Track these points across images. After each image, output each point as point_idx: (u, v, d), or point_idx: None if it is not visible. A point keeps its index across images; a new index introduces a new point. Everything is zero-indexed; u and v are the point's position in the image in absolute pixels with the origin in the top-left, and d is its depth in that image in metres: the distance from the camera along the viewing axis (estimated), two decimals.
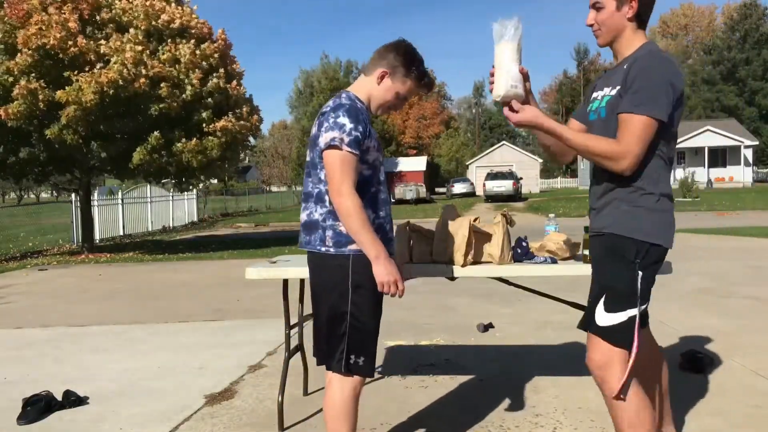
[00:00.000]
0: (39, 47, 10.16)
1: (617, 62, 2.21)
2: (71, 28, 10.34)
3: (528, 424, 3.09)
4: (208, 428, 3.15)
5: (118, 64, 10.37)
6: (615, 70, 2.20)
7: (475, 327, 5.08)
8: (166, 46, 11.43)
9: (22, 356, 4.68)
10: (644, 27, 2.18)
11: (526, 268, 3.07)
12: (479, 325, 5.08)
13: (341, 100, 2.25)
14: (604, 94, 2.21)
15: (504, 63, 2.11)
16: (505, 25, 2.11)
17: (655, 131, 2.00)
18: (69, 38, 10.31)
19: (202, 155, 11.51)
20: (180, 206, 22.46)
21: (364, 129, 2.17)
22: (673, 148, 2.15)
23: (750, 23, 55.25)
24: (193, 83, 11.37)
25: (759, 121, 52.52)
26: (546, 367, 3.98)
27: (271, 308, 6.08)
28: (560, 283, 6.43)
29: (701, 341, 4.46)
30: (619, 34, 2.17)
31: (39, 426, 3.24)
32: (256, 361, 4.33)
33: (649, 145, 2.02)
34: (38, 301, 7.09)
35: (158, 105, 10.94)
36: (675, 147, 2.17)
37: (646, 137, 2.00)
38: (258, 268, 3.17)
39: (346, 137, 2.12)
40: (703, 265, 8.24)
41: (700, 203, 23.44)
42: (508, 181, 34.87)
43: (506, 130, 77.22)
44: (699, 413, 3.16)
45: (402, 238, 3.24)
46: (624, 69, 2.10)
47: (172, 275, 9.14)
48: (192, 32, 11.95)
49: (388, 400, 3.47)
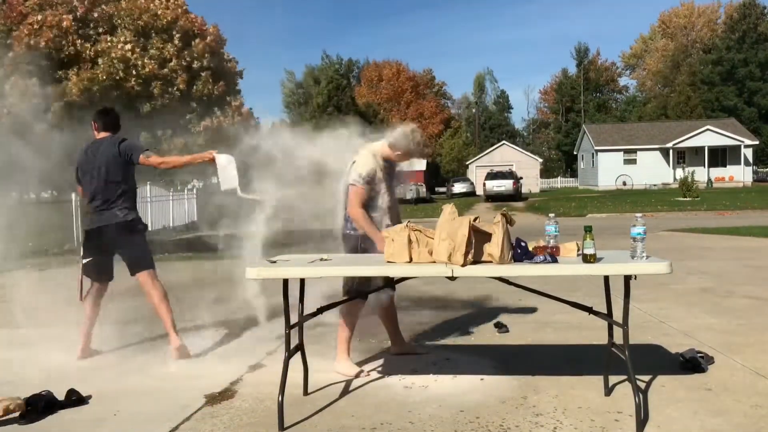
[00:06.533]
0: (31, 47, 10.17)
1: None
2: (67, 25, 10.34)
3: (528, 424, 3.09)
4: (208, 428, 3.15)
5: (106, 65, 10.39)
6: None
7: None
8: (154, 42, 11.42)
9: (22, 356, 4.68)
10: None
11: (526, 267, 3.07)
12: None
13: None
14: None
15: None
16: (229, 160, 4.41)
17: None
18: (62, 37, 10.32)
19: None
20: (180, 206, 22.46)
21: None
22: None
23: (749, 23, 55.20)
24: (180, 87, 11.40)
25: (759, 121, 52.47)
26: (546, 367, 3.98)
27: (271, 308, 6.07)
28: (560, 283, 6.43)
29: (701, 341, 4.46)
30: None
31: (39, 426, 3.24)
32: (256, 361, 4.33)
33: None
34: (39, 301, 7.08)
35: (151, 103, 10.96)
36: None
37: None
38: (258, 268, 3.17)
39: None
40: (703, 265, 8.24)
41: (700, 203, 23.44)
42: (508, 181, 34.86)
43: (506, 129, 77.23)
44: (699, 413, 3.16)
45: (402, 238, 3.24)
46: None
47: (172, 275, 9.13)
48: (180, 25, 11.89)
49: (388, 400, 3.47)
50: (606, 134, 44.16)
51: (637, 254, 3.04)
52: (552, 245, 3.29)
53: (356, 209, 3.85)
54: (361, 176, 3.84)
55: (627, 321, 3.09)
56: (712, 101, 53.88)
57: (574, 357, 4.26)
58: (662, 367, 3.88)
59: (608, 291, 3.47)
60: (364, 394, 3.60)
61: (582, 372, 3.84)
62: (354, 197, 3.85)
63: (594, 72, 71.78)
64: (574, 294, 6.07)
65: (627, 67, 74.68)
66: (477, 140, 71.06)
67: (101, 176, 4.46)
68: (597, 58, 73.70)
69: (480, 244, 3.07)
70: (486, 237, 3.07)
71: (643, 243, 3.04)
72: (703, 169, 38.31)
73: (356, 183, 3.84)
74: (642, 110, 62.61)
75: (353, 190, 3.85)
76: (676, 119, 48.65)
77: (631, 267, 3.02)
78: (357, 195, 3.85)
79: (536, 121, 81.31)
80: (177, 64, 11.35)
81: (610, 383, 3.50)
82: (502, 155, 48.79)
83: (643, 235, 3.04)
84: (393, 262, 3.24)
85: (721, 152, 40.49)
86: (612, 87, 75.18)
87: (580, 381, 3.68)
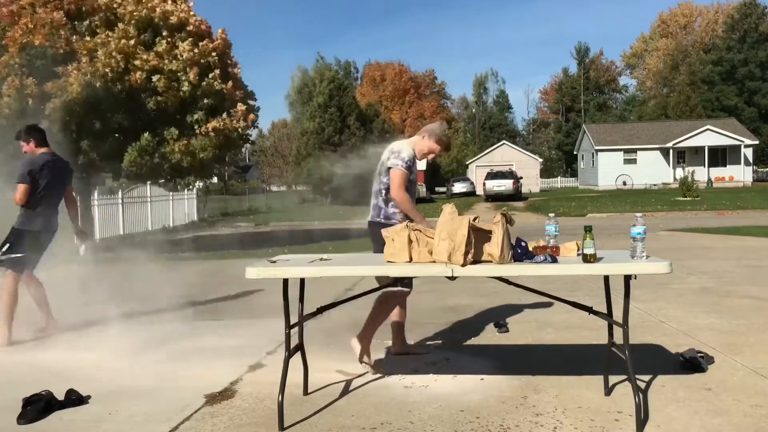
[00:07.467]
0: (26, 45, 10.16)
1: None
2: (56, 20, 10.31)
3: (528, 424, 3.09)
4: (208, 428, 3.15)
5: (105, 57, 10.34)
6: None
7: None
8: (163, 39, 11.38)
9: (22, 355, 4.68)
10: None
11: (526, 267, 3.07)
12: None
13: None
14: None
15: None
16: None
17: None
18: (55, 34, 10.30)
19: (191, 157, 11.47)
20: (180, 206, 22.45)
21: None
22: None
23: (749, 23, 55.18)
24: (191, 80, 11.32)
25: (759, 120, 52.45)
26: (546, 367, 3.98)
27: (271, 308, 6.07)
28: (560, 283, 6.44)
29: (701, 341, 4.46)
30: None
31: (39, 426, 3.24)
32: (256, 360, 4.33)
33: None
34: None
35: (156, 98, 10.89)
36: None
37: None
38: (258, 268, 3.17)
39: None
40: (703, 265, 8.24)
41: (700, 203, 23.45)
42: (508, 181, 34.87)
43: (506, 129, 77.23)
44: (699, 413, 3.16)
45: (402, 238, 3.24)
46: None
47: (172, 275, 9.13)
48: (189, 29, 11.90)
49: (388, 400, 3.47)
50: (606, 134, 44.16)
51: (637, 254, 3.04)
52: (552, 245, 3.29)
53: (401, 191, 3.89)
54: (403, 160, 3.90)
55: (627, 321, 3.09)
56: (712, 101, 53.88)
57: (574, 357, 4.26)
58: (662, 367, 3.88)
59: (608, 291, 3.48)
60: (364, 394, 3.60)
61: (582, 372, 3.84)
62: (397, 179, 3.88)
63: (594, 71, 71.77)
64: (574, 294, 6.08)
65: (627, 67, 74.69)
66: (477, 140, 71.05)
67: (62, 190, 5.40)
68: (599, 58, 73.69)
69: (480, 244, 3.07)
70: (486, 237, 3.07)
71: (643, 243, 3.03)
72: (703, 169, 38.32)
73: (398, 166, 3.90)
74: (642, 110, 62.62)
75: (396, 173, 3.89)
76: (676, 119, 48.66)
77: (631, 267, 3.02)
78: (400, 177, 3.89)
79: (536, 120, 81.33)
80: (189, 58, 11.31)
81: (610, 383, 3.50)
82: (502, 155, 48.79)
83: (643, 234, 3.03)
84: (393, 261, 3.24)
85: (721, 152, 40.50)
86: (612, 87, 75.20)
87: (580, 381, 3.68)
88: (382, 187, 4.01)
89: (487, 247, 3.07)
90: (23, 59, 10.24)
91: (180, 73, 11.31)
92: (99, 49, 10.51)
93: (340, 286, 6.81)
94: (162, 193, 20.64)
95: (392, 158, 3.95)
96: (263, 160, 65.62)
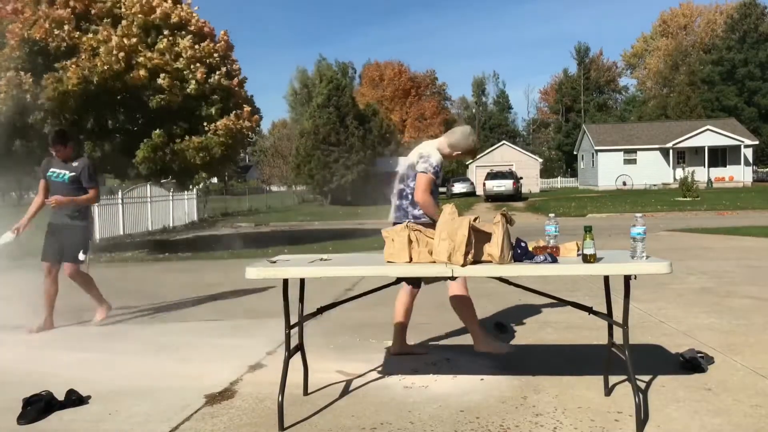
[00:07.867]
0: (25, 39, 10.15)
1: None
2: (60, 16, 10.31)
3: (528, 424, 3.09)
4: (208, 428, 3.15)
5: (105, 53, 10.33)
6: None
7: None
8: (164, 38, 11.37)
9: (22, 356, 4.68)
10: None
11: (526, 267, 3.07)
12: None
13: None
14: None
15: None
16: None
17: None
18: (56, 28, 10.29)
19: (205, 152, 11.46)
20: (180, 206, 22.45)
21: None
22: None
23: (749, 23, 55.19)
24: (197, 77, 11.30)
25: (759, 120, 52.46)
26: (546, 367, 3.98)
27: (271, 308, 6.07)
28: (560, 283, 6.43)
29: (701, 341, 4.46)
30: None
31: (39, 426, 3.24)
32: (256, 361, 4.32)
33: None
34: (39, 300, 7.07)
35: (159, 97, 10.87)
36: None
37: None
38: (258, 268, 3.17)
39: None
40: (703, 265, 8.24)
41: (700, 203, 23.45)
42: (508, 181, 34.86)
43: (506, 129, 77.24)
44: (699, 413, 3.16)
45: (402, 238, 3.24)
46: None
47: (172, 275, 9.14)
48: (191, 29, 11.90)
49: (388, 400, 3.47)
50: (606, 134, 44.16)
51: (637, 254, 3.04)
52: (552, 245, 3.29)
53: (426, 195, 3.97)
54: (432, 165, 4.01)
55: (627, 321, 3.09)
56: (712, 101, 53.88)
57: (574, 357, 4.26)
58: (662, 367, 3.88)
59: (608, 291, 3.48)
60: (364, 394, 3.60)
61: (582, 372, 3.84)
62: (423, 183, 3.98)
63: (595, 72, 71.77)
64: (574, 294, 6.09)
65: (628, 67, 74.69)
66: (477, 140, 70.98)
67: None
68: (599, 58, 73.71)
69: (480, 244, 3.07)
70: (486, 237, 3.07)
71: (643, 243, 3.03)
72: (703, 169, 38.32)
73: (427, 171, 4.00)
74: (642, 110, 62.61)
75: (424, 177, 3.99)
76: (676, 119, 48.66)
77: (631, 267, 3.02)
78: (427, 182, 3.99)
79: (536, 121, 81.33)
80: (193, 56, 11.28)
81: (610, 383, 3.50)
82: (502, 155, 48.77)
83: (643, 235, 3.03)
84: (393, 262, 3.24)
85: (721, 152, 40.50)
86: (612, 87, 75.19)
87: (580, 381, 3.68)
88: (409, 191, 4.11)
89: (487, 248, 3.07)
90: (23, 52, 10.23)
91: (186, 72, 11.29)
92: (101, 47, 10.49)
93: (340, 286, 6.82)
94: (162, 193, 20.65)
95: (422, 162, 4.04)
96: (263, 160, 65.62)
